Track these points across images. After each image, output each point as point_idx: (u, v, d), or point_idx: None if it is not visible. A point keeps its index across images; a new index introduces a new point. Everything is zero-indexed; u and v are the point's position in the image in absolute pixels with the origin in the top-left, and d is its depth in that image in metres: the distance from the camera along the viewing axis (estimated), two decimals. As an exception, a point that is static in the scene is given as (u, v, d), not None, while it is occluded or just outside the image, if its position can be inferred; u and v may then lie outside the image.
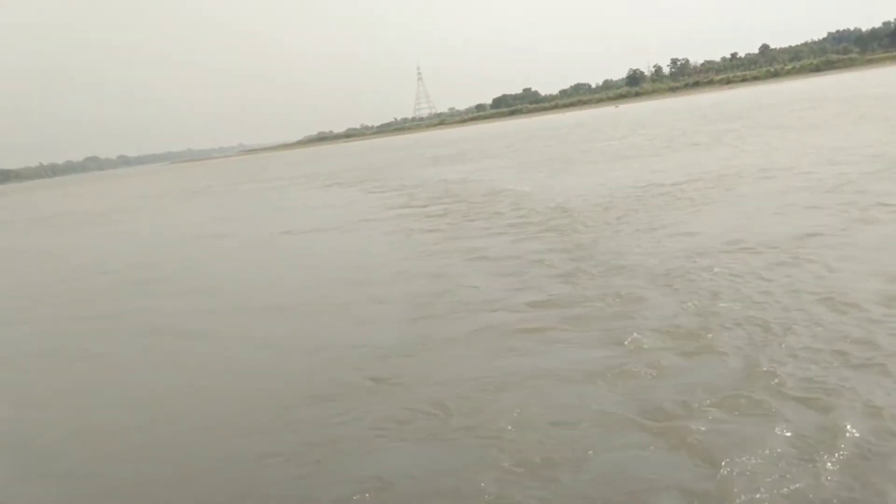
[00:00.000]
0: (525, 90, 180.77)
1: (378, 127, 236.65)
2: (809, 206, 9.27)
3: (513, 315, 6.40)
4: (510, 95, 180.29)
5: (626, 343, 5.26)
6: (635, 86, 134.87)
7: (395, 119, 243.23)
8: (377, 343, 6.20)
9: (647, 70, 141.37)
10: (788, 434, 3.71)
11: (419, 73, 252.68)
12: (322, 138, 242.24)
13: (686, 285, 6.49)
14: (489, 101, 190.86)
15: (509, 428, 4.23)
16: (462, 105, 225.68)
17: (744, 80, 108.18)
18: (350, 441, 4.42)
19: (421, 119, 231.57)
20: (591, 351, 5.24)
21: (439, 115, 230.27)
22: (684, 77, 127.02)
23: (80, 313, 9.53)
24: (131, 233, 20.35)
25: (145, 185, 57.80)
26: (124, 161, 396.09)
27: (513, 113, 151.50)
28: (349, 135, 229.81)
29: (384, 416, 4.67)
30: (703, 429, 3.88)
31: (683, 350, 5.02)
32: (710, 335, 5.20)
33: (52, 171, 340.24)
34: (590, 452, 3.83)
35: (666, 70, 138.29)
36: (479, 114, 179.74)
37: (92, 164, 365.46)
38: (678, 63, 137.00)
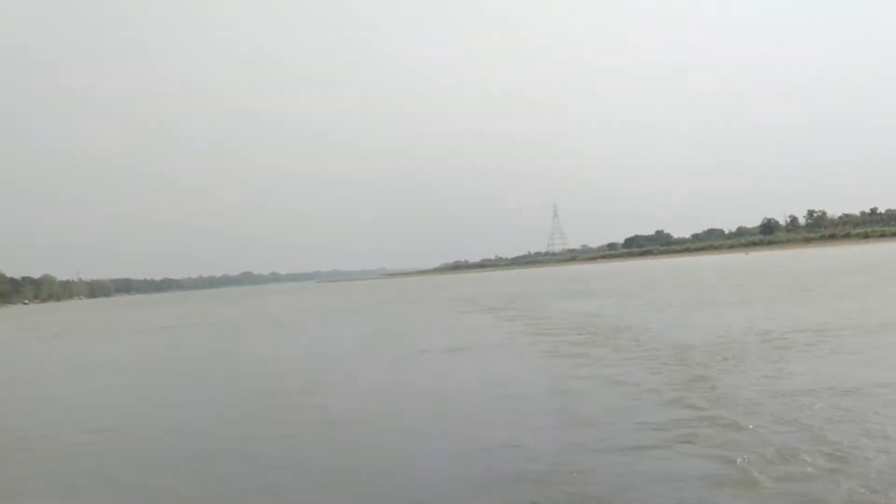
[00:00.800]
0: (657, 232, 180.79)
1: (511, 259, 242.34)
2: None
3: (640, 432, 7.45)
4: (642, 236, 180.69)
5: (736, 461, 6.24)
6: (769, 234, 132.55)
7: (529, 252, 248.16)
8: (524, 444, 7.38)
9: (782, 220, 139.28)
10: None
11: (555, 210, 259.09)
12: (457, 266, 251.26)
13: (791, 418, 7.45)
14: (621, 240, 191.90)
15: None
16: (594, 243, 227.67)
17: (882, 235, 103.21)
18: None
19: (553, 254, 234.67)
20: (706, 464, 6.31)
21: (571, 251, 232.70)
22: (820, 229, 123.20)
23: (280, 401, 11.67)
24: (316, 339, 23.46)
25: (306, 301, 62.84)
26: (275, 277, 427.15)
27: (643, 254, 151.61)
28: (483, 265, 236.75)
29: (537, 499, 5.90)
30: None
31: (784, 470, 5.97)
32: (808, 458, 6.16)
33: (210, 282, 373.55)
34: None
35: (802, 221, 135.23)
36: (611, 252, 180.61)
37: (246, 279, 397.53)
38: (814, 214, 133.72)
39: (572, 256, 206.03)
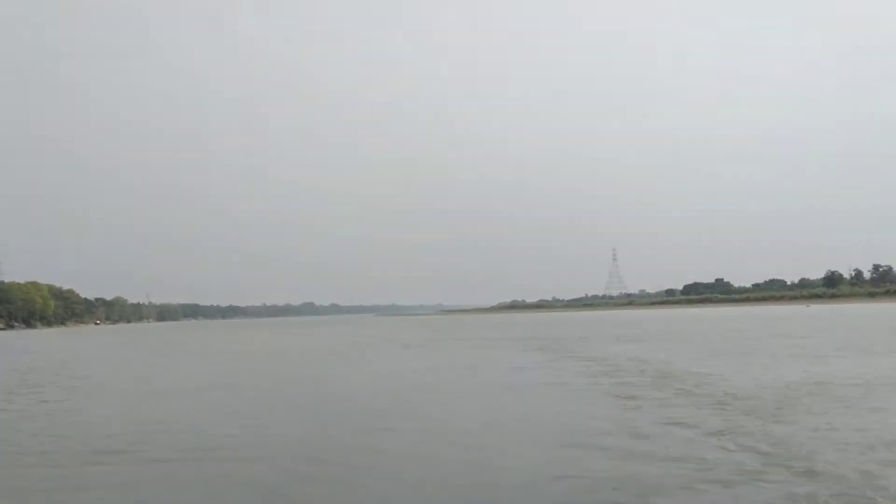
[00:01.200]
0: (717, 280, 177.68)
1: (568, 301, 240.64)
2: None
3: (694, 471, 7.86)
4: (701, 284, 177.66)
5: None
6: (832, 287, 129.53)
7: (586, 295, 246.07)
8: (583, 475, 7.89)
9: (846, 273, 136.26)
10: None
11: (614, 254, 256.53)
12: (514, 306, 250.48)
13: (841, 464, 7.93)
14: (680, 286, 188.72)
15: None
16: (653, 288, 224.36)
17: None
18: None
19: (611, 297, 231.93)
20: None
21: (629, 295, 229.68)
22: (886, 284, 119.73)
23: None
24: (385, 371, 24.33)
25: (368, 333, 64.12)
26: (335, 309, 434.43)
27: (702, 301, 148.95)
28: (540, 305, 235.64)
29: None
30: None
31: None
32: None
33: (273, 311, 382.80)
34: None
35: (867, 275, 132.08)
36: (669, 298, 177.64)
37: (308, 309, 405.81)
38: (880, 269, 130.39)
39: (630, 301, 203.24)
